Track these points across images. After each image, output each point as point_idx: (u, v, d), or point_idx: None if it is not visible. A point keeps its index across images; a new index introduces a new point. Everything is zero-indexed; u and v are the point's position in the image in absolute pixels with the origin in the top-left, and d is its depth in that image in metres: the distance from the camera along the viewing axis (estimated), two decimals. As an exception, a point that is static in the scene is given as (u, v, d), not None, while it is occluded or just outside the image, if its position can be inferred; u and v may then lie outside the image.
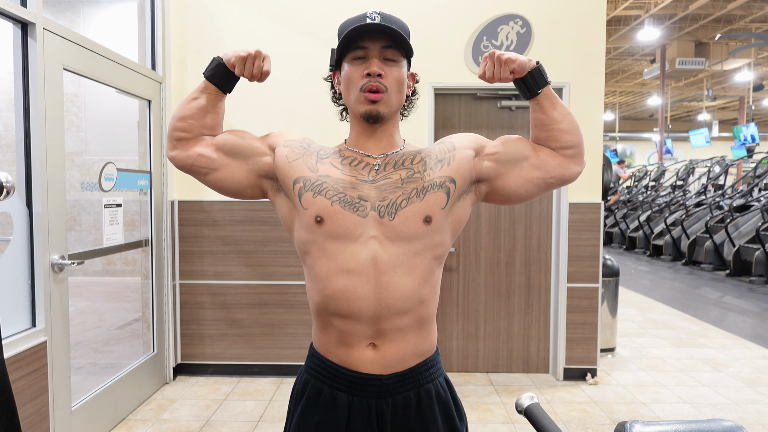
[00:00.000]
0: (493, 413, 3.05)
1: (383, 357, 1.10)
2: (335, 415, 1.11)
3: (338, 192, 1.10)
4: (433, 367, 1.16)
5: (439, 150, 1.18)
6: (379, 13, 1.12)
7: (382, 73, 1.11)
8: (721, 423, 0.66)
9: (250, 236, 3.53)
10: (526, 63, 1.13)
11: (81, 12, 4.21)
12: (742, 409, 3.15)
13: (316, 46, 3.46)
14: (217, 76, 1.16)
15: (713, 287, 7.30)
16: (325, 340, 1.15)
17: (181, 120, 1.17)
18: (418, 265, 1.10)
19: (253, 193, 1.21)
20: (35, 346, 2.19)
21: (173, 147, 1.18)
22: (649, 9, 12.38)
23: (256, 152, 1.18)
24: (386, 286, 1.08)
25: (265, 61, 1.14)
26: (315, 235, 1.10)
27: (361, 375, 1.10)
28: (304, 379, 1.17)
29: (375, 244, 1.08)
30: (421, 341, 1.13)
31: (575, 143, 1.17)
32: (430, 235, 1.11)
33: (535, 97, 1.16)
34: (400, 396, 1.11)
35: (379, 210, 1.09)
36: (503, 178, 1.18)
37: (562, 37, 3.46)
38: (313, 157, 1.16)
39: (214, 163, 1.17)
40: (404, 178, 1.12)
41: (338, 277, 1.09)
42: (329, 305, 1.10)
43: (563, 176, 1.18)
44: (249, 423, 2.92)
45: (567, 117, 1.17)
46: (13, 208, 2.18)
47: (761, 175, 9.58)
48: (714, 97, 17.66)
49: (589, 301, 3.55)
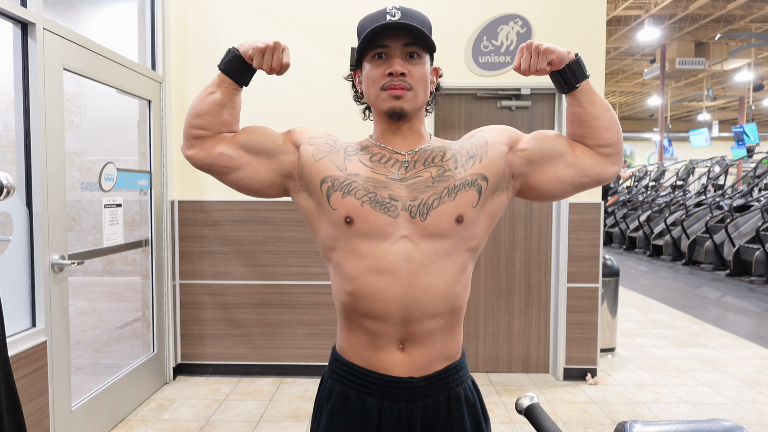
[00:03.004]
0: (493, 413, 3.05)
1: (412, 359, 1.07)
2: (365, 419, 1.08)
3: (368, 192, 1.06)
4: (462, 370, 1.13)
5: (470, 145, 1.13)
6: (399, 8, 1.08)
7: (405, 71, 1.07)
8: (721, 423, 0.66)
9: (250, 236, 3.53)
10: (565, 55, 1.07)
11: (81, 12, 4.21)
12: (742, 409, 3.15)
13: (318, 46, 3.46)
14: (232, 68, 1.11)
15: (713, 287, 7.30)
16: (353, 342, 1.11)
17: (198, 117, 1.11)
18: (451, 263, 1.07)
19: (275, 192, 1.17)
20: (35, 346, 2.19)
21: (191, 145, 1.13)
22: (649, 9, 12.39)
23: (280, 150, 1.14)
24: (419, 287, 1.05)
25: (284, 53, 1.09)
26: (344, 234, 1.07)
27: (391, 378, 1.07)
28: (330, 384, 1.14)
29: (407, 244, 1.05)
30: (448, 343, 1.11)
31: (614, 141, 1.12)
32: (462, 232, 1.08)
33: (572, 91, 1.10)
34: (431, 399, 1.08)
35: (410, 210, 1.06)
36: (536, 175, 1.13)
37: (562, 37, 3.46)
38: (340, 154, 1.12)
39: (235, 162, 1.12)
40: (435, 176, 1.08)
41: (369, 277, 1.05)
42: (359, 306, 1.07)
43: (599, 176, 1.13)
44: (249, 423, 2.92)
45: (606, 113, 1.11)
46: (13, 208, 2.18)
47: (761, 175, 9.58)
48: (714, 97, 17.67)
49: (589, 301, 3.55)
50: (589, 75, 1.11)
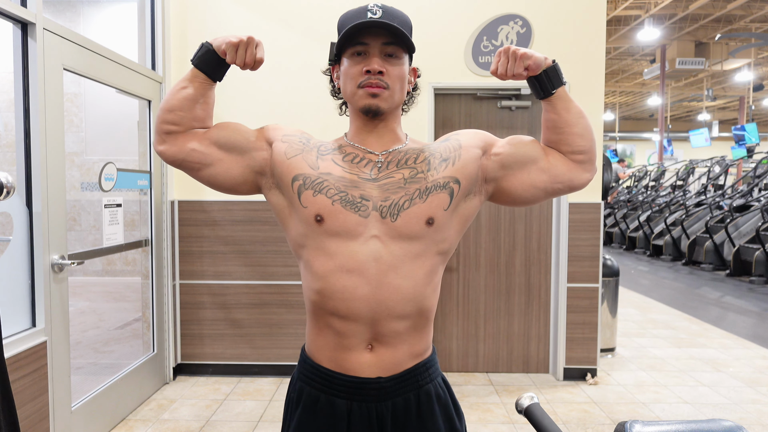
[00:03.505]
0: (493, 413, 3.05)
1: (380, 359, 1.08)
2: (334, 422, 1.08)
3: (340, 191, 1.06)
4: (432, 367, 1.14)
5: (444, 148, 1.14)
6: (381, 6, 1.08)
7: (383, 70, 1.07)
8: (721, 423, 0.66)
9: (250, 236, 3.53)
10: (542, 60, 1.08)
11: (81, 12, 4.21)
12: (742, 409, 3.15)
13: (318, 44, 3.46)
14: (206, 63, 1.09)
15: (713, 287, 7.30)
16: (321, 343, 1.11)
17: (169, 112, 1.10)
18: (420, 265, 1.07)
19: (248, 189, 1.16)
20: (35, 346, 2.19)
21: (162, 141, 1.12)
22: (649, 9, 12.38)
23: (252, 147, 1.13)
24: (387, 288, 1.05)
25: (258, 48, 1.08)
26: (314, 232, 1.07)
27: (359, 379, 1.08)
28: (299, 387, 1.14)
29: (377, 244, 1.05)
30: (417, 342, 1.11)
31: (587, 148, 1.13)
32: (433, 235, 1.08)
33: (548, 97, 1.11)
34: (400, 398, 1.09)
35: (381, 210, 1.06)
36: (509, 180, 1.14)
37: (562, 37, 3.46)
38: (313, 153, 1.12)
39: (207, 158, 1.12)
40: (407, 177, 1.08)
41: (338, 276, 1.06)
42: (327, 305, 1.08)
43: (572, 182, 1.14)
44: (249, 423, 2.92)
45: (580, 120, 1.12)
46: (13, 208, 2.18)
47: (761, 175, 9.58)
48: (714, 97, 17.66)
49: (589, 301, 3.55)
50: (565, 82, 1.12)
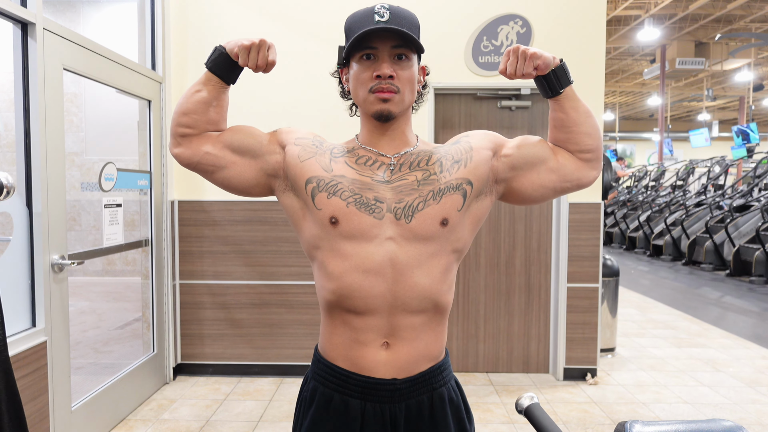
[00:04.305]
0: (493, 413, 3.05)
1: (396, 358, 1.08)
2: (348, 422, 1.08)
3: (354, 193, 1.07)
4: (446, 370, 1.14)
5: (455, 150, 1.15)
6: (388, 8, 1.08)
7: (393, 74, 1.07)
8: (721, 423, 0.66)
9: (250, 236, 3.53)
10: (551, 60, 1.09)
11: (81, 12, 4.21)
12: (742, 409, 3.15)
13: (319, 46, 3.46)
14: (219, 66, 1.11)
15: (713, 287, 7.30)
16: (336, 341, 1.11)
17: (184, 115, 1.12)
18: (436, 264, 1.09)
19: (261, 192, 1.17)
20: (35, 346, 2.19)
21: (177, 144, 1.13)
22: (649, 9, 12.39)
23: (265, 150, 1.14)
24: (404, 285, 1.06)
25: (270, 51, 1.09)
26: (328, 234, 1.08)
27: (373, 380, 1.08)
28: (312, 386, 1.14)
29: (392, 245, 1.06)
30: (432, 342, 1.11)
31: (594, 147, 1.15)
32: (447, 235, 1.09)
33: (556, 96, 1.13)
34: (414, 400, 1.09)
35: (395, 212, 1.07)
36: (519, 180, 1.16)
37: (562, 37, 3.46)
38: (326, 155, 1.13)
39: (221, 161, 1.13)
40: (420, 179, 1.10)
41: (354, 276, 1.06)
42: (344, 303, 1.08)
43: (580, 181, 1.16)
44: (249, 423, 2.92)
45: (588, 119, 1.14)
46: (13, 208, 2.18)
47: (761, 175, 9.57)
48: (714, 97, 17.66)
49: (589, 301, 3.55)
50: (573, 81, 1.13)
